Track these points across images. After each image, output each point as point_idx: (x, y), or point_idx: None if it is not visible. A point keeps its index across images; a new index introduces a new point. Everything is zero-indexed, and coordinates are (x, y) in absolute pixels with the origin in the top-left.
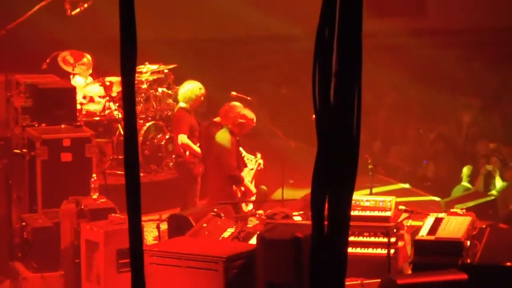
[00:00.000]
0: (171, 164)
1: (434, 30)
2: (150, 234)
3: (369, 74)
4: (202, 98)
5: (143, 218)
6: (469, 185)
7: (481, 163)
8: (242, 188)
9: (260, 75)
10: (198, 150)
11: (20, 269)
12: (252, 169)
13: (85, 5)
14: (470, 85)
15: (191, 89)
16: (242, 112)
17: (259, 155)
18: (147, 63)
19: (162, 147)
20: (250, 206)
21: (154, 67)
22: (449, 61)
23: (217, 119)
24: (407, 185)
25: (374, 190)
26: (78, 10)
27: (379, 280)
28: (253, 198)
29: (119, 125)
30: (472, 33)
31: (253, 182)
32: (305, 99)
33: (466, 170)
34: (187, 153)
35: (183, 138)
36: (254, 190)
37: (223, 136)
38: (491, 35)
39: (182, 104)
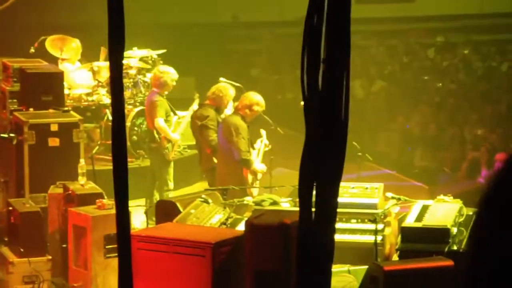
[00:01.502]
0: (138, 151)
1: (421, 17)
2: (137, 219)
3: (358, 61)
4: (174, 83)
5: (131, 203)
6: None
7: (467, 149)
8: (252, 171)
9: (249, 61)
10: (172, 136)
11: (7, 254)
12: (259, 149)
13: None
14: (458, 71)
15: (162, 73)
16: (256, 99)
17: (264, 135)
18: (135, 48)
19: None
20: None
21: (143, 52)
22: (435, 47)
23: (206, 102)
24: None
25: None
26: None
27: (366, 266)
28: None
29: (107, 110)
30: (458, 19)
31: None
32: (294, 85)
33: None
34: (160, 137)
35: (159, 122)
36: (263, 169)
37: (236, 122)
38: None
39: (154, 89)
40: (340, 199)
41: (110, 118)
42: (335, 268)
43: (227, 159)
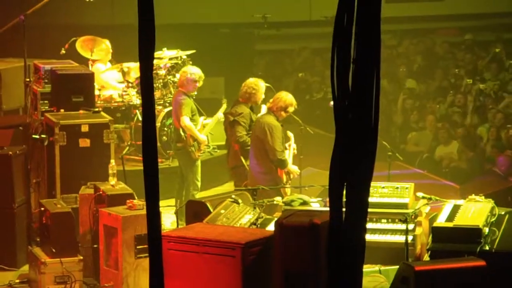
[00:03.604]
0: (168, 151)
1: (450, 16)
2: (168, 219)
3: (388, 60)
4: (199, 84)
5: (161, 203)
6: None
7: (499, 149)
8: (286, 171)
9: (278, 60)
10: (199, 135)
11: (39, 254)
12: (289, 151)
13: None
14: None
15: (189, 73)
16: (290, 99)
17: (292, 138)
18: (165, 48)
19: None
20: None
21: (172, 53)
22: (465, 45)
23: (240, 99)
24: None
25: None
26: None
27: (397, 266)
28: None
29: (137, 111)
30: (488, 17)
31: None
32: (323, 85)
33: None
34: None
35: (185, 120)
36: (297, 171)
37: (271, 122)
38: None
39: (181, 88)
40: (370, 199)
41: (140, 118)
42: (366, 268)
43: (262, 158)
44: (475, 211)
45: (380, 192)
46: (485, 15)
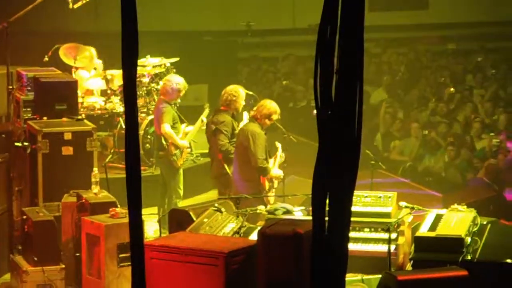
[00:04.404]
0: (151, 159)
1: (435, 24)
2: (151, 227)
3: (371, 68)
4: (182, 93)
5: (144, 211)
6: None
7: (483, 157)
8: (269, 178)
9: (261, 68)
10: (180, 142)
11: (21, 262)
12: (275, 158)
13: None
14: (473, 78)
15: (172, 82)
16: (274, 107)
17: (280, 148)
18: (148, 56)
19: None
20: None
21: (156, 60)
22: (447, 54)
23: (222, 108)
24: None
25: None
26: (80, 3)
27: (380, 276)
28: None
29: (120, 118)
30: (473, 26)
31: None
32: (306, 93)
33: None
34: (168, 144)
35: (166, 128)
36: (280, 175)
37: (254, 130)
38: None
39: (163, 97)
40: (353, 208)
41: (124, 126)
42: (348, 277)
43: (245, 166)
44: (457, 220)
45: (363, 201)
46: (468, 24)
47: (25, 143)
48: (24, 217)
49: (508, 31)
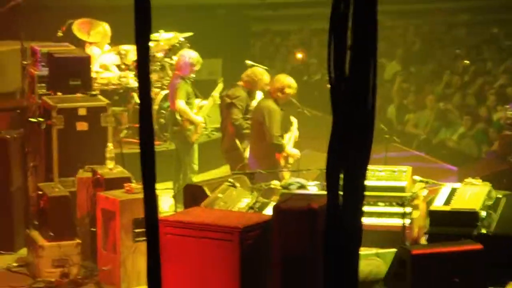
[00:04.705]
0: (166, 134)
1: None
2: (166, 203)
3: (385, 41)
4: (197, 67)
5: (159, 186)
6: None
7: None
8: (285, 155)
9: (275, 42)
10: (194, 117)
11: (37, 238)
12: (290, 136)
13: None
14: (487, 50)
15: (187, 57)
16: (288, 81)
17: (295, 124)
18: (162, 30)
19: None
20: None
21: (169, 35)
22: (465, 26)
23: (240, 83)
24: None
25: None
26: None
27: (394, 250)
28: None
29: (134, 93)
30: None
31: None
32: (321, 67)
33: None
34: (183, 120)
35: (180, 104)
36: (297, 154)
37: (269, 106)
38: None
39: (177, 72)
40: (367, 182)
41: (138, 101)
42: (363, 251)
43: (260, 142)
44: (472, 194)
45: (377, 175)
46: None
47: (40, 119)
48: (40, 192)
49: None
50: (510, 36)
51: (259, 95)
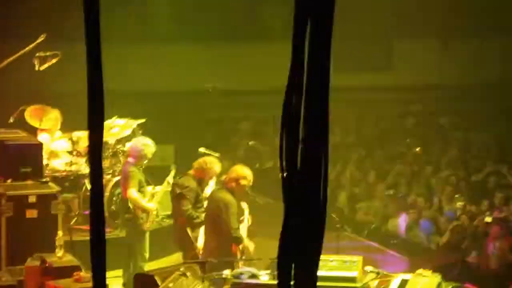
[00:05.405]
0: (117, 221)
1: (400, 86)
2: None
3: (336, 130)
4: (149, 156)
5: (109, 274)
6: None
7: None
8: (241, 247)
9: (228, 129)
10: (147, 205)
11: None
12: (242, 221)
13: (54, 60)
14: (438, 139)
15: (140, 145)
16: (244, 172)
17: (246, 211)
18: (115, 117)
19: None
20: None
21: (123, 121)
22: (415, 117)
23: (190, 172)
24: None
25: None
26: (46, 65)
27: None
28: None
29: (85, 180)
30: (439, 88)
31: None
32: (273, 154)
33: None
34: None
35: (132, 193)
36: (252, 246)
37: (225, 198)
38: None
39: (130, 159)
40: (319, 272)
41: (89, 188)
42: None
43: (215, 234)
44: (422, 285)
45: (329, 265)
46: (432, 86)
47: None
48: None
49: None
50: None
51: (211, 183)
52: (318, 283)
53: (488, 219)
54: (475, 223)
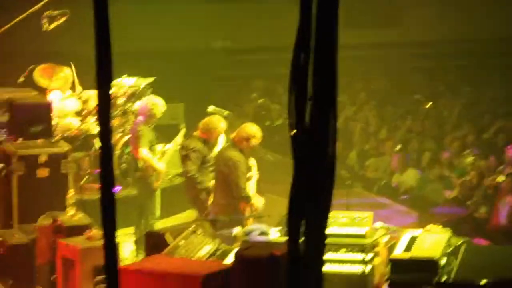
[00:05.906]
0: (128, 179)
1: (411, 42)
2: (127, 248)
3: (347, 86)
4: (159, 115)
5: (121, 232)
6: None
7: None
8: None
9: (238, 87)
10: (157, 164)
11: None
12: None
13: (62, 19)
14: (447, 95)
15: (150, 104)
16: (253, 131)
17: (255, 166)
18: (124, 76)
19: None
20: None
21: (132, 80)
22: (425, 72)
23: (196, 133)
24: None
25: None
26: (55, 24)
27: None
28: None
29: (95, 139)
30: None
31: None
32: (283, 112)
33: None
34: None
35: (143, 152)
36: (262, 201)
37: (234, 157)
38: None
39: (140, 118)
40: (329, 229)
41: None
42: None
43: (224, 192)
44: (432, 241)
45: (339, 222)
46: (442, 41)
47: (0, 165)
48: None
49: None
50: (468, 82)
51: (221, 140)
52: (329, 240)
53: (501, 178)
54: (486, 180)
